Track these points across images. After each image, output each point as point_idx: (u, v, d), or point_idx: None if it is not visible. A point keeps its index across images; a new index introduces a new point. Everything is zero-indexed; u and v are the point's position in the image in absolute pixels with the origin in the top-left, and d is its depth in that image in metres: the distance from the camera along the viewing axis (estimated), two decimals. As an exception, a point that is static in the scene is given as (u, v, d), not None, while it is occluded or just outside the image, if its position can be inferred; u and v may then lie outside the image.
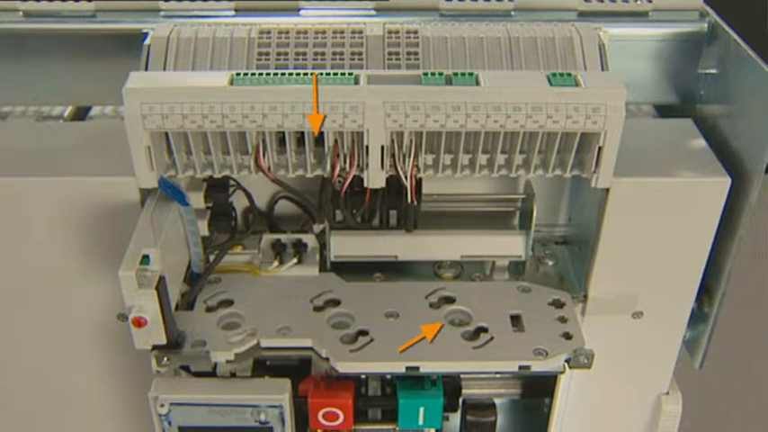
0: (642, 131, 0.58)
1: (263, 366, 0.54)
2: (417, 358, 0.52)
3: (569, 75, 0.50)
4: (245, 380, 0.53)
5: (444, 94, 0.48)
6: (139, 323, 0.49)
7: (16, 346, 0.61)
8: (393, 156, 0.52)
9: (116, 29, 0.62)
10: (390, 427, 0.57)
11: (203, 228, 0.58)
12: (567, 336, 0.54)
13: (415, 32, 0.57)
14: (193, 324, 0.54)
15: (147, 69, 0.55)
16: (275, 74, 0.49)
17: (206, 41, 0.56)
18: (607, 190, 0.53)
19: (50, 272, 0.57)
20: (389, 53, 0.56)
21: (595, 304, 0.59)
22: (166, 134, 0.51)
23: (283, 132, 0.51)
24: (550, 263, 0.63)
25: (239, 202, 0.61)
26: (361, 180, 0.52)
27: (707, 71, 0.61)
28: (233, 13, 0.63)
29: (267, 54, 0.56)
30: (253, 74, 0.50)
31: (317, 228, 0.61)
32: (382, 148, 0.50)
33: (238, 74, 0.50)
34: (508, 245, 0.59)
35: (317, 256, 0.60)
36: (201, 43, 0.56)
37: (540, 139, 0.51)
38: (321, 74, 0.49)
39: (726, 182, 0.54)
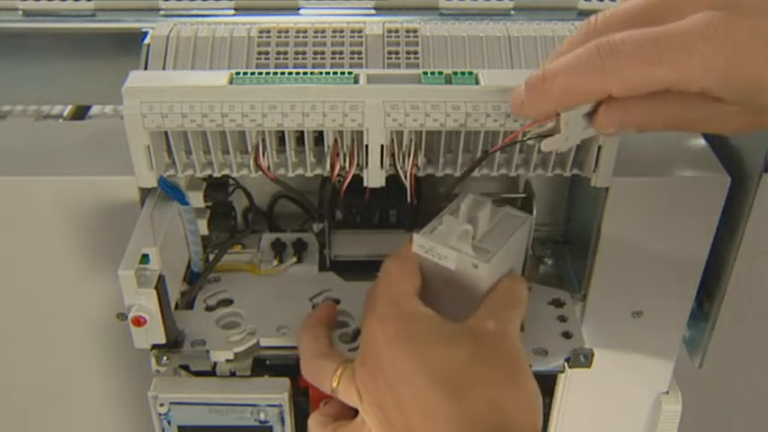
0: (642, 131, 0.58)
1: (263, 365, 0.54)
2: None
3: (569, 74, 0.50)
4: (245, 379, 0.53)
5: (444, 93, 0.48)
6: (139, 322, 0.49)
7: (15, 346, 0.61)
8: (393, 155, 0.52)
9: (116, 28, 0.62)
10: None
11: (203, 227, 0.58)
12: (567, 335, 0.55)
13: (415, 31, 0.57)
14: (193, 323, 0.54)
15: (146, 68, 0.55)
16: (275, 73, 0.49)
17: (205, 41, 0.56)
18: (607, 189, 0.53)
19: (50, 271, 0.57)
20: (389, 52, 0.56)
21: (595, 303, 0.59)
22: (166, 133, 0.51)
23: (283, 131, 0.51)
24: (550, 262, 0.63)
25: (239, 201, 0.61)
26: (361, 179, 0.52)
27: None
28: (232, 12, 0.63)
29: (267, 53, 0.56)
30: (252, 73, 0.50)
31: (316, 227, 0.61)
32: (382, 147, 0.50)
33: (238, 73, 0.49)
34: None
35: (317, 256, 0.60)
36: (201, 42, 0.56)
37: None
38: (321, 73, 0.49)
39: (725, 181, 0.54)
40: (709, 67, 0.36)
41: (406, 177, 0.52)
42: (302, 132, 0.51)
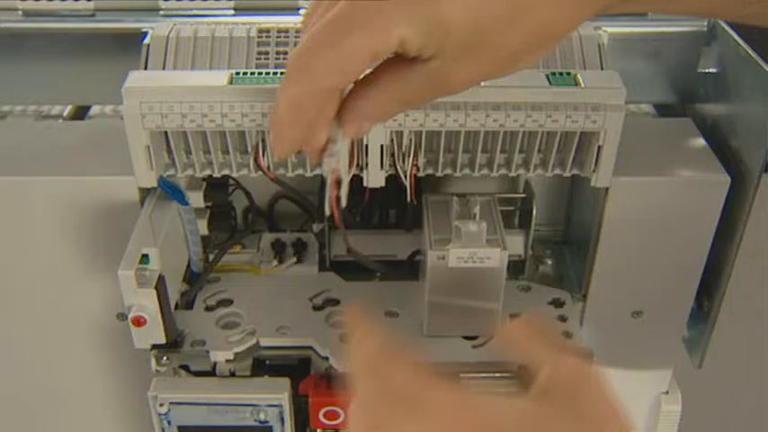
0: (642, 131, 0.58)
1: (263, 365, 0.54)
2: (416, 356, 0.52)
3: (569, 74, 0.50)
4: (245, 379, 0.53)
5: (444, 94, 0.48)
6: (139, 322, 0.49)
7: (15, 345, 0.61)
8: (392, 155, 0.52)
9: (115, 28, 0.62)
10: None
11: (203, 227, 0.58)
12: (567, 335, 0.55)
13: (415, 32, 0.57)
14: (193, 323, 0.54)
15: (146, 68, 0.55)
16: (275, 73, 0.49)
17: (205, 40, 0.56)
18: (606, 189, 0.53)
19: (50, 271, 0.57)
20: (389, 52, 0.56)
21: (595, 303, 0.59)
22: (166, 133, 0.51)
23: (283, 131, 0.51)
24: (550, 262, 0.63)
25: (239, 201, 0.61)
26: (361, 179, 0.52)
27: (706, 70, 0.61)
28: (232, 12, 0.63)
29: (267, 53, 0.56)
30: (252, 73, 0.50)
31: (316, 227, 0.61)
32: (382, 147, 0.50)
33: (237, 73, 0.50)
34: (508, 244, 0.59)
35: (317, 256, 0.60)
36: (201, 42, 0.56)
37: (539, 139, 0.51)
38: (320, 73, 0.49)
39: (725, 181, 0.54)
40: (392, 23, 0.34)
41: (405, 177, 0.52)
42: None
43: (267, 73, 0.50)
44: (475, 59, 0.36)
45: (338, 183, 0.40)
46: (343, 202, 0.42)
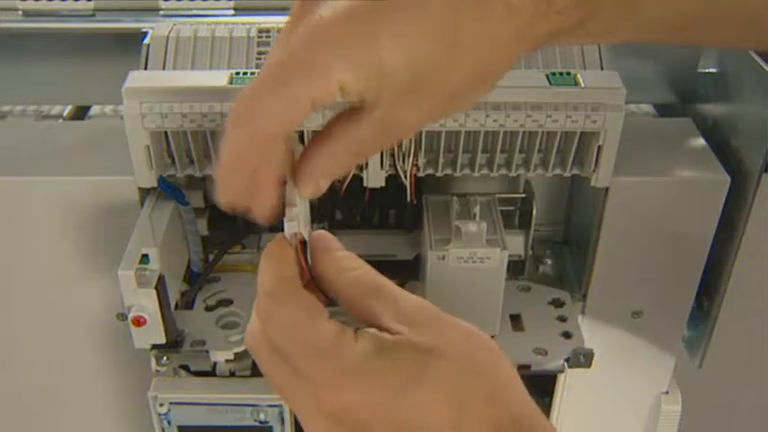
0: (642, 131, 0.58)
1: (263, 366, 0.54)
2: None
3: (569, 74, 0.50)
4: (245, 379, 0.53)
5: (444, 94, 0.48)
6: (139, 322, 0.49)
7: (15, 346, 0.61)
8: (392, 155, 0.52)
9: (116, 28, 0.62)
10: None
11: (203, 227, 0.58)
12: (567, 335, 0.55)
13: (415, 32, 0.57)
14: (193, 323, 0.54)
15: (146, 68, 0.55)
16: (275, 73, 0.49)
17: (205, 40, 0.56)
18: (606, 189, 0.53)
19: (49, 271, 0.57)
20: (389, 52, 0.56)
21: (595, 303, 0.59)
22: (166, 133, 0.51)
23: (283, 131, 0.51)
24: (550, 262, 0.63)
25: (239, 201, 0.61)
26: (361, 179, 0.52)
27: (706, 70, 0.61)
28: (232, 12, 0.63)
29: (266, 53, 0.56)
30: (252, 73, 0.50)
31: (316, 227, 0.61)
32: (382, 147, 0.50)
33: (237, 73, 0.50)
34: (508, 244, 0.59)
35: (317, 256, 0.60)
36: (201, 42, 0.56)
37: (539, 139, 0.51)
38: (320, 73, 0.49)
39: (725, 181, 0.54)
40: (330, 69, 0.34)
41: (405, 177, 0.52)
42: (302, 132, 0.51)
43: (267, 73, 0.49)
44: (417, 102, 0.36)
45: (303, 245, 0.40)
46: (310, 261, 0.41)
